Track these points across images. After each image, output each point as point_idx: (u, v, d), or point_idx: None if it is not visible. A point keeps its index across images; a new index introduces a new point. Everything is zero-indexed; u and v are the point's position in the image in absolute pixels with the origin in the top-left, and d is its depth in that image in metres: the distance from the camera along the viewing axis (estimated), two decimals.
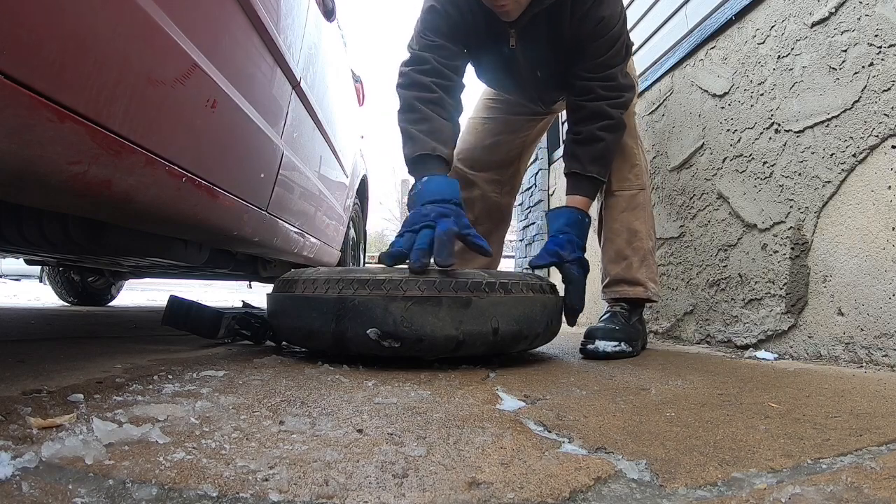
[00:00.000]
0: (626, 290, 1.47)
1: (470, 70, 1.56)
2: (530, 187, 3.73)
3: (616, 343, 1.31)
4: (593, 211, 1.52)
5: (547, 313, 1.20)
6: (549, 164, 3.50)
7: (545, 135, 2.28)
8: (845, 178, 1.19)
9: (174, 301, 1.39)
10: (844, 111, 1.19)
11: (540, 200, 3.50)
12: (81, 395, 0.70)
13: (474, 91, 1.88)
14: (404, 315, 1.05)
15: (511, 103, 1.80)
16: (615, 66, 1.40)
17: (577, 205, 1.40)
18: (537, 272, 1.61)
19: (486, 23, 1.38)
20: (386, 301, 1.05)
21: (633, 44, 1.49)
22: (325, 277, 1.14)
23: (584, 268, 1.36)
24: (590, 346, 1.31)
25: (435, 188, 1.22)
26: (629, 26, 2.25)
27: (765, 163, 1.43)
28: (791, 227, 1.34)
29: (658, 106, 1.99)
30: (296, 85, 1.49)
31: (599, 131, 1.39)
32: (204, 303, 1.46)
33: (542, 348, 1.55)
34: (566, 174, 1.45)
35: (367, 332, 1.05)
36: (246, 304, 1.93)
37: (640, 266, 1.46)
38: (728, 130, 1.59)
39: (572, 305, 1.33)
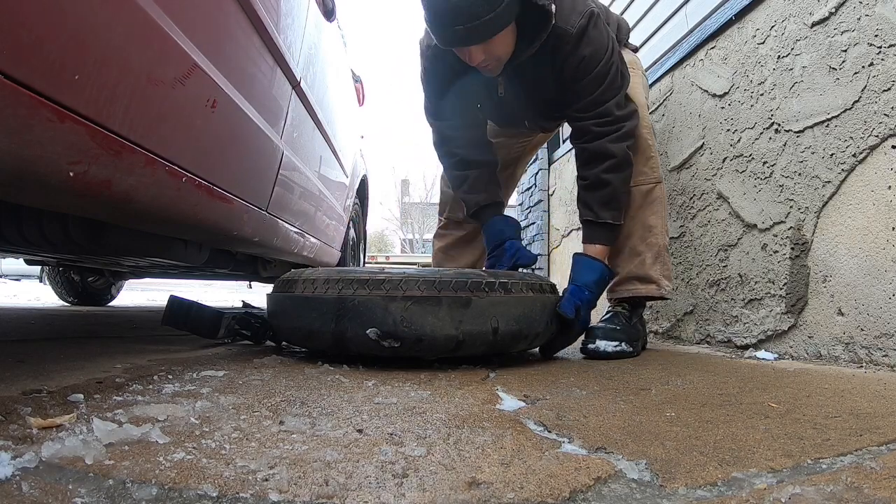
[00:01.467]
0: (637, 288, 1.43)
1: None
2: (530, 187, 3.73)
3: (617, 343, 1.30)
4: None
5: (547, 313, 1.20)
6: (549, 164, 3.50)
7: None
8: (845, 178, 1.19)
9: (174, 301, 1.39)
10: (844, 111, 1.19)
11: (540, 200, 3.50)
12: (81, 395, 0.70)
13: None
14: (404, 315, 1.05)
15: None
16: (609, 101, 1.36)
17: (597, 255, 1.37)
18: (537, 272, 1.61)
19: (473, 73, 1.41)
20: (386, 301, 1.05)
21: (628, 74, 1.45)
22: (325, 277, 1.14)
23: (585, 325, 1.34)
24: (591, 346, 1.30)
25: (491, 233, 1.51)
26: (630, 26, 2.25)
27: (765, 163, 1.43)
28: (791, 227, 1.34)
29: (658, 106, 1.99)
30: (296, 85, 1.49)
31: (605, 174, 1.35)
32: (204, 303, 1.46)
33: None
34: (581, 221, 1.43)
35: (367, 332, 1.05)
36: (246, 304, 1.93)
37: (654, 262, 1.43)
38: (728, 130, 1.59)
39: (554, 346, 1.32)
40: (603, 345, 1.30)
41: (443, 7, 1.20)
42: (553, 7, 1.27)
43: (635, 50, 1.73)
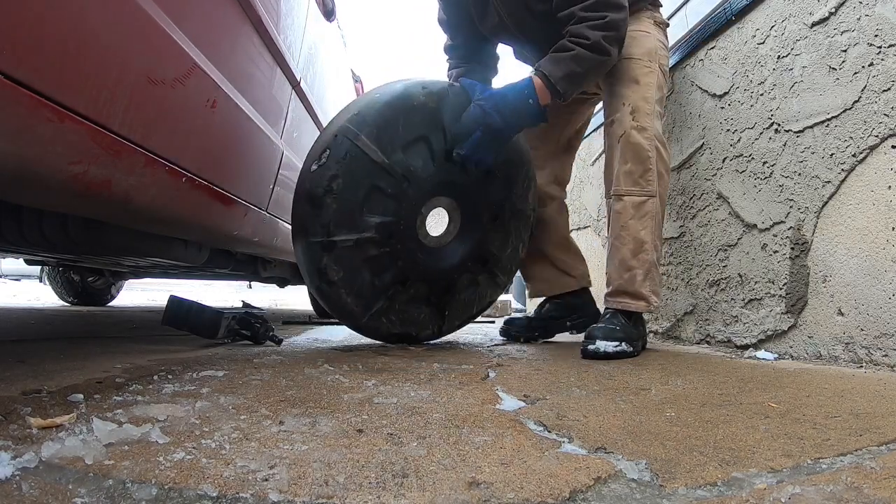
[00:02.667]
0: (627, 303, 1.44)
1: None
2: None
3: (617, 343, 1.30)
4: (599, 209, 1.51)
5: None
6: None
7: None
8: (845, 178, 1.19)
9: (174, 301, 1.39)
10: (844, 111, 1.19)
11: None
12: (81, 395, 0.70)
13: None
14: None
15: None
16: None
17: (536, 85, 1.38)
18: None
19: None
20: None
21: None
22: None
23: (498, 112, 1.36)
24: (591, 347, 1.31)
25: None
26: None
27: (765, 163, 1.43)
28: (791, 227, 1.34)
29: None
30: (296, 85, 1.49)
31: (570, 41, 1.35)
32: (204, 303, 1.46)
33: (542, 348, 1.55)
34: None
35: None
36: (246, 304, 1.93)
37: (645, 279, 1.42)
38: (728, 130, 1.59)
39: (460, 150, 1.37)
40: (603, 345, 1.30)
41: None
42: None
43: (664, 24, 1.62)
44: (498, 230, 1.54)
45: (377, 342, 1.55)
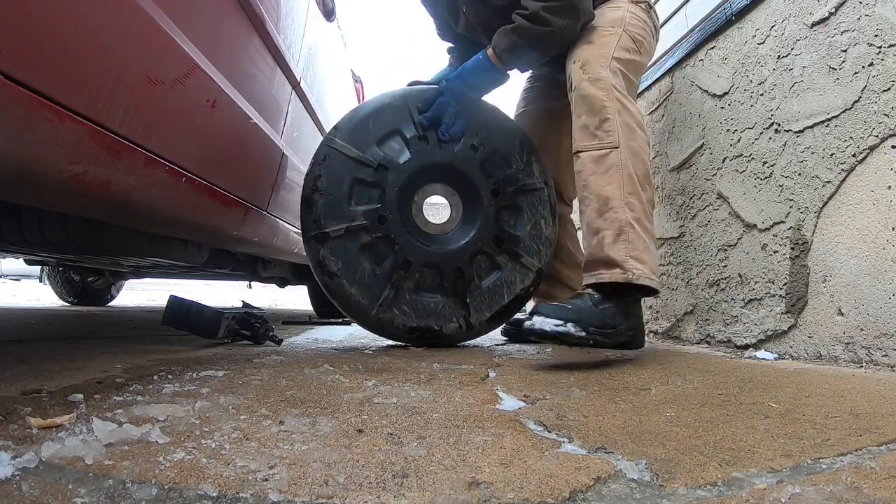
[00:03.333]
0: (601, 274, 1.22)
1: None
2: None
3: (560, 322, 1.10)
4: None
5: None
6: None
7: None
8: (845, 178, 1.19)
9: (174, 301, 1.39)
10: (844, 111, 1.19)
11: None
12: (81, 395, 0.70)
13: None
14: None
15: (540, 89, 1.81)
16: None
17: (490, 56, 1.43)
18: None
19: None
20: None
21: None
22: None
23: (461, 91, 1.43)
24: (526, 323, 1.13)
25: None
26: None
27: (765, 163, 1.43)
28: (791, 227, 1.34)
29: (658, 106, 1.99)
30: (296, 85, 1.49)
31: (515, 13, 1.36)
32: (204, 303, 1.46)
33: (542, 348, 1.55)
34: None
35: None
36: (246, 304, 1.93)
37: (616, 241, 1.21)
38: (728, 130, 1.59)
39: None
40: (540, 322, 1.10)
41: None
42: None
43: (644, 2, 1.56)
44: (507, 208, 1.52)
45: (377, 343, 1.55)
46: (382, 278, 1.43)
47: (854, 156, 1.17)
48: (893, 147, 1.08)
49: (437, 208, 1.56)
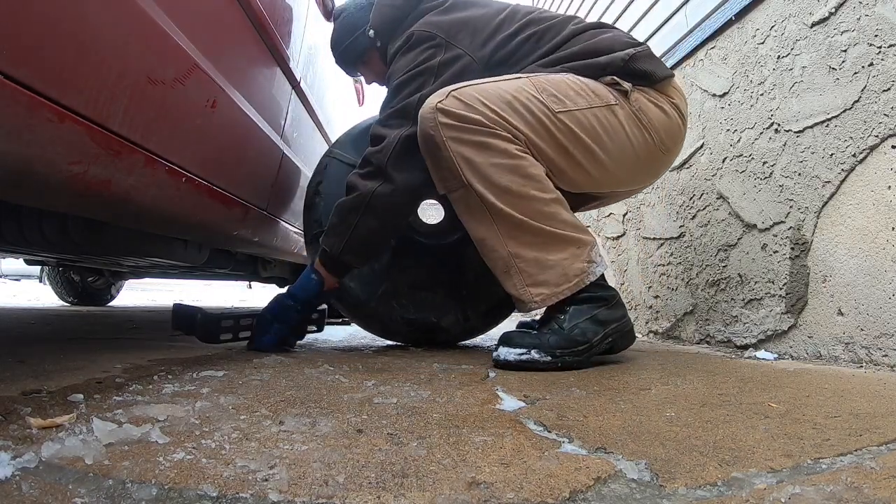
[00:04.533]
0: (519, 307, 1.22)
1: None
2: None
3: (523, 351, 1.08)
4: None
5: None
6: None
7: None
8: (845, 178, 1.19)
9: (179, 308, 1.40)
10: (844, 111, 1.19)
11: None
12: (81, 395, 0.70)
13: None
14: None
15: None
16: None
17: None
18: None
19: None
20: None
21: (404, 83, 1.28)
22: None
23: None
24: (493, 353, 1.13)
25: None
26: (629, 27, 2.25)
27: (765, 163, 1.43)
28: (791, 227, 1.34)
29: None
30: (296, 85, 1.49)
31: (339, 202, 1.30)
32: (205, 308, 1.46)
33: None
34: None
35: None
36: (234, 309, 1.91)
37: (507, 278, 1.17)
38: (728, 130, 1.59)
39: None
40: (504, 353, 1.09)
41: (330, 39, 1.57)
42: (372, 32, 1.45)
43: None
44: None
45: (377, 343, 1.55)
46: (380, 273, 1.48)
47: (854, 156, 1.17)
48: (893, 147, 1.08)
49: (433, 208, 1.56)
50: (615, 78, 1.24)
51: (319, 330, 1.51)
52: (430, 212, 1.65)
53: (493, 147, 1.14)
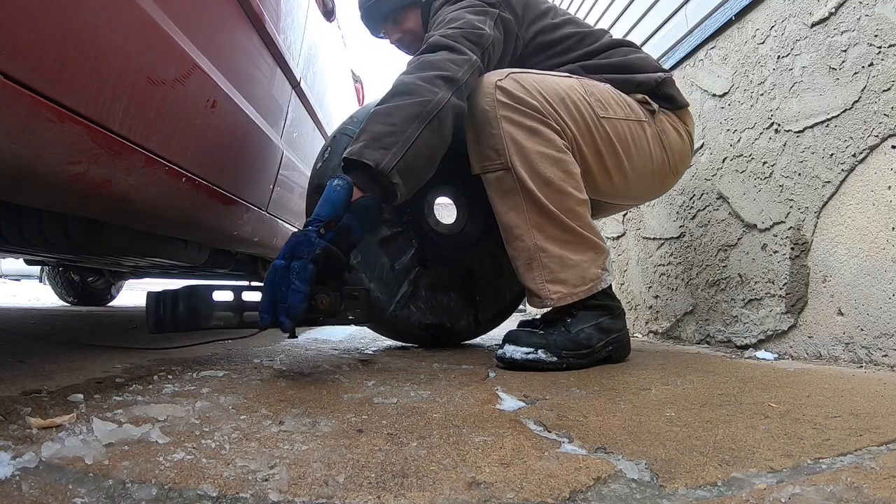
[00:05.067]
0: (529, 299, 1.19)
1: None
2: None
3: (530, 350, 1.07)
4: None
5: None
6: None
7: None
8: (845, 178, 1.19)
9: (152, 297, 0.94)
10: (844, 111, 1.19)
11: None
12: (81, 395, 0.70)
13: None
14: None
15: None
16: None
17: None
18: None
19: None
20: None
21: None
22: None
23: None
24: (498, 351, 1.12)
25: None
26: (629, 26, 2.25)
27: (765, 163, 1.43)
28: (791, 227, 1.34)
29: None
30: (296, 85, 1.49)
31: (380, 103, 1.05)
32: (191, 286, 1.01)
33: None
34: None
35: None
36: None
37: (528, 270, 1.15)
38: (728, 130, 1.59)
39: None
40: (511, 350, 1.08)
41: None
42: None
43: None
44: None
45: (377, 343, 1.55)
46: (401, 274, 1.38)
47: (854, 156, 1.17)
48: (893, 147, 1.08)
49: (447, 208, 1.53)
50: (646, 97, 1.30)
51: (362, 321, 1.09)
52: (444, 212, 1.62)
53: (544, 136, 1.14)
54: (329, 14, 1.90)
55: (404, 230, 1.39)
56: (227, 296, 0.96)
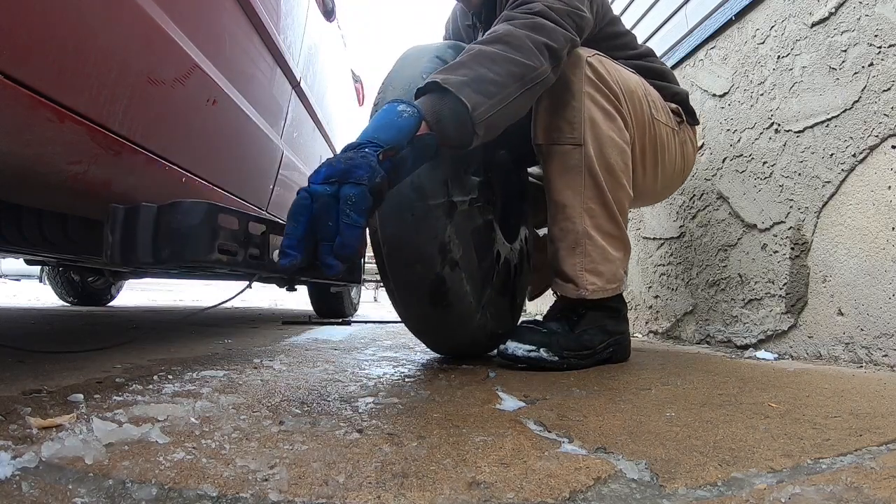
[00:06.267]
0: (559, 285, 1.14)
1: None
2: None
3: (532, 347, 1.06)
4: None
5: None
6: None
7: None
8: (845, 178, 1.19)
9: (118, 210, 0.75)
10: (844, 111, 1.19)
11: None
12: (81, 395, 0.70)
13: None
14: None
15: None
16: None
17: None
18: None
19: (466, 25, 1.48)
20: None
21: None
22: None
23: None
24: (501, 346, 1.09)
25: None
26: (629, 26, 2.25)
27: (765, 163, 1.43)
28: (791, 227, 1.34)
29: None
30: (296, 85, 1.49)
31: (480, 44, 0.96)
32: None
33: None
34: None
35: None
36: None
37: (570, 255, 1.10)
38: (728, 130, 1.59)
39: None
40: (513, 347, 1.06)
41: None
42: None
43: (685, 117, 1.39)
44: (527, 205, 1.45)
45: (377, 343, 1.54)
46: (486, 272, 1.15)
47: (854, 156, 1.17)
48: (893, 147, 1.08)
49: None
50: (680, 108, 1.37)
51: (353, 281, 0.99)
52: None
53: (617, 122, 1.14)
54: (329, 14, 1.90)
55: (491, 219, 1.17)
56: (231, 222, 0.74)
